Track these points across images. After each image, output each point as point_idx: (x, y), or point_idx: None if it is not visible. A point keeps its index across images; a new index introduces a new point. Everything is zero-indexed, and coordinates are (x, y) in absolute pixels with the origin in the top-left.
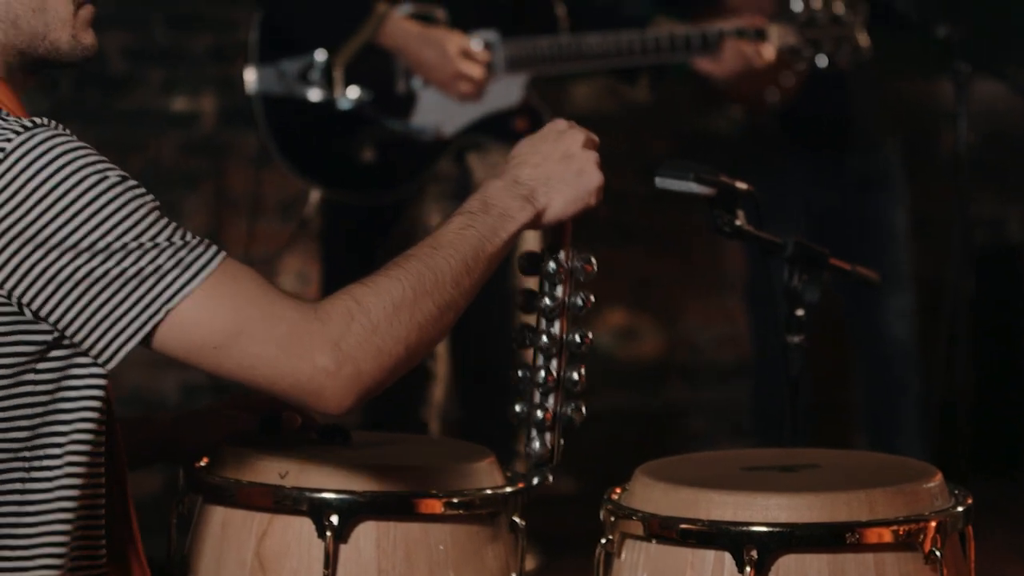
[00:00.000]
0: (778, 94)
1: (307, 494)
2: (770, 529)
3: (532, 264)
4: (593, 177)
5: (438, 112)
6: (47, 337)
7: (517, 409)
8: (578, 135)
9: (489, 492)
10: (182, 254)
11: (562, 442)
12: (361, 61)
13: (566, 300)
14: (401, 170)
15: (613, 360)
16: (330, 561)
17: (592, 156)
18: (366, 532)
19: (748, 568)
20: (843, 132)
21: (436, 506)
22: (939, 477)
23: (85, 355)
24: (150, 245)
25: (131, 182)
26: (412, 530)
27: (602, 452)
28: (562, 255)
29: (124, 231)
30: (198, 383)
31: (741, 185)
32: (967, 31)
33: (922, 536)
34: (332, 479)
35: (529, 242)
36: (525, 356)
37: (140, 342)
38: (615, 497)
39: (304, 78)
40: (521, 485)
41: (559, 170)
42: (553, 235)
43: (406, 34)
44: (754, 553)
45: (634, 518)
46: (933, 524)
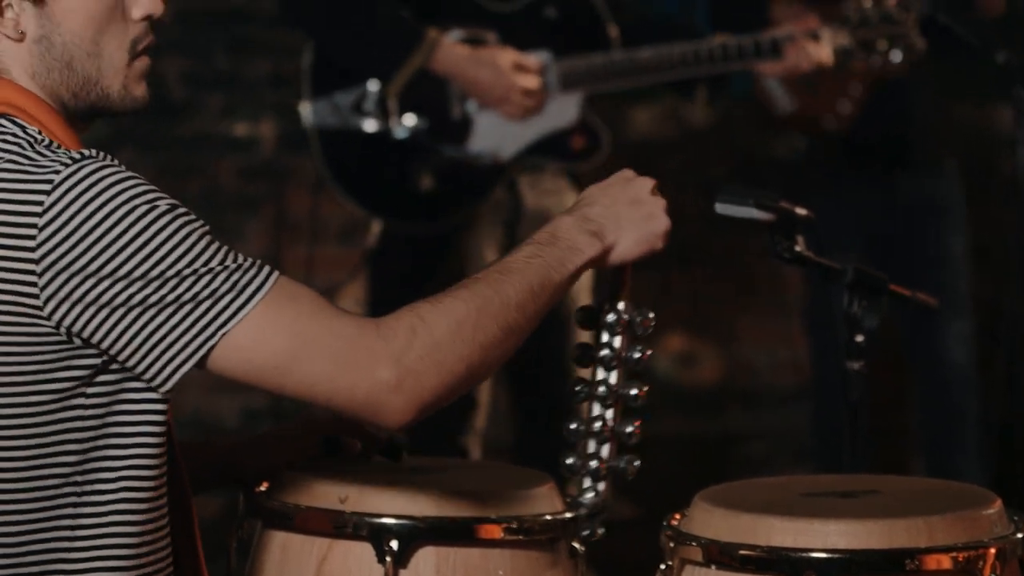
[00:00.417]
0: (848, 106)
1: (367, 519)
2: (829, 555)
3: (589, 317)
4: (661, 222)
5: (494, 136)
6: (95, 361)
7: (569, 461)
8: (647, 182)
9: (549, 518)
10: (236, 277)
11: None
12: (414, 89)
13: (623, 352)
14: (460, 196)
15: (671, 385)
16: None
17: (660, 202)
18: (426, 557)
19: None
20: (901, 157)
21: (496, 531)
22: (999, 503)
23: (137, 380)
24: (204, 271)
25: (181, 209)
26: (472, 556)
27: (661, 477)
28: (621, 306)
29: (176, 259)
30: (257, 407)
31: (801, 211)
32: None
33: (981, 563)
34: (392, 504)
35: (584, 297)
36: (580, 410)
37: (195, 365)
38: (675, 523)
39: (358, 109)
40: (582, 510)
41: (628, 212)
42: (613, 281)
43: (458, 57)
44: None
45: (694, 544)
46: (993, 551)
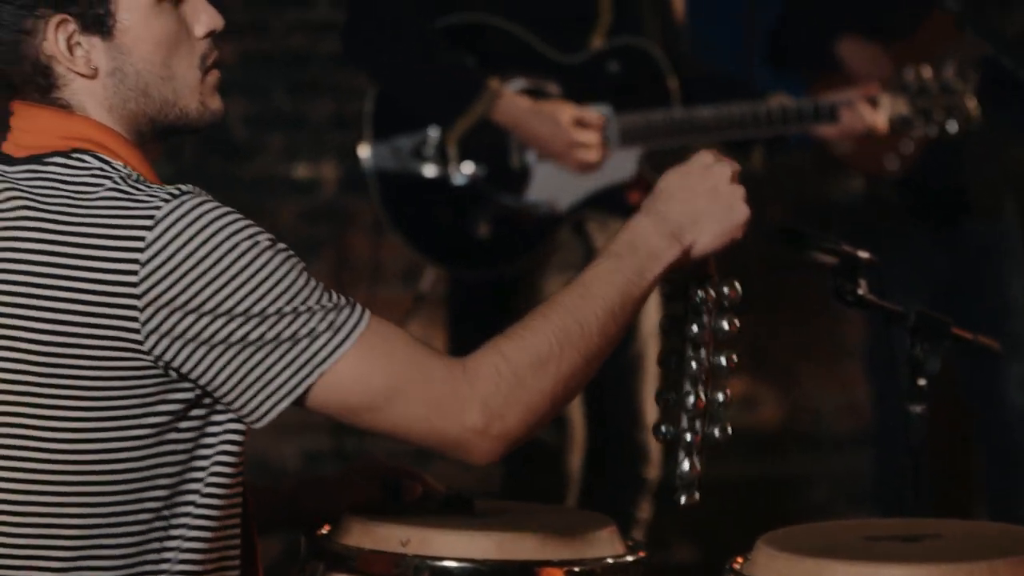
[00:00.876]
0: (898, 162)
1: (429, 562)
2: None
3: (676, 291)
4: (741, 212)
5: (552, 187)
6: (189, 395)
7: (663, 430)
8: (725, 169)
9: (611, 561)
10: (332, 316)
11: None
12: (474, 137)
13: (712, 326)
14: (515, 245)
15: (733, 428)
16: None
17: (739, 191)
18: None
19: None
20: (962, 200)
21: (557, 575)
22: None
23: (228, 413)
24: (303, 309)
25: (280, 245)
26: None
27: (722, 521)
28: (708, 284)
29: (277, 296)
30: (319, 449)
31: (863, 254)
32: None
33: None
34: (453, 547)
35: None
36: (671, 380)
37: (293, 403)
38: (737, 567)
39: (418, 154)
40: (642, 554)
41: (707, 205)
42: (697, 265)
43: (518, 110)
44: None
45: None
46: None
